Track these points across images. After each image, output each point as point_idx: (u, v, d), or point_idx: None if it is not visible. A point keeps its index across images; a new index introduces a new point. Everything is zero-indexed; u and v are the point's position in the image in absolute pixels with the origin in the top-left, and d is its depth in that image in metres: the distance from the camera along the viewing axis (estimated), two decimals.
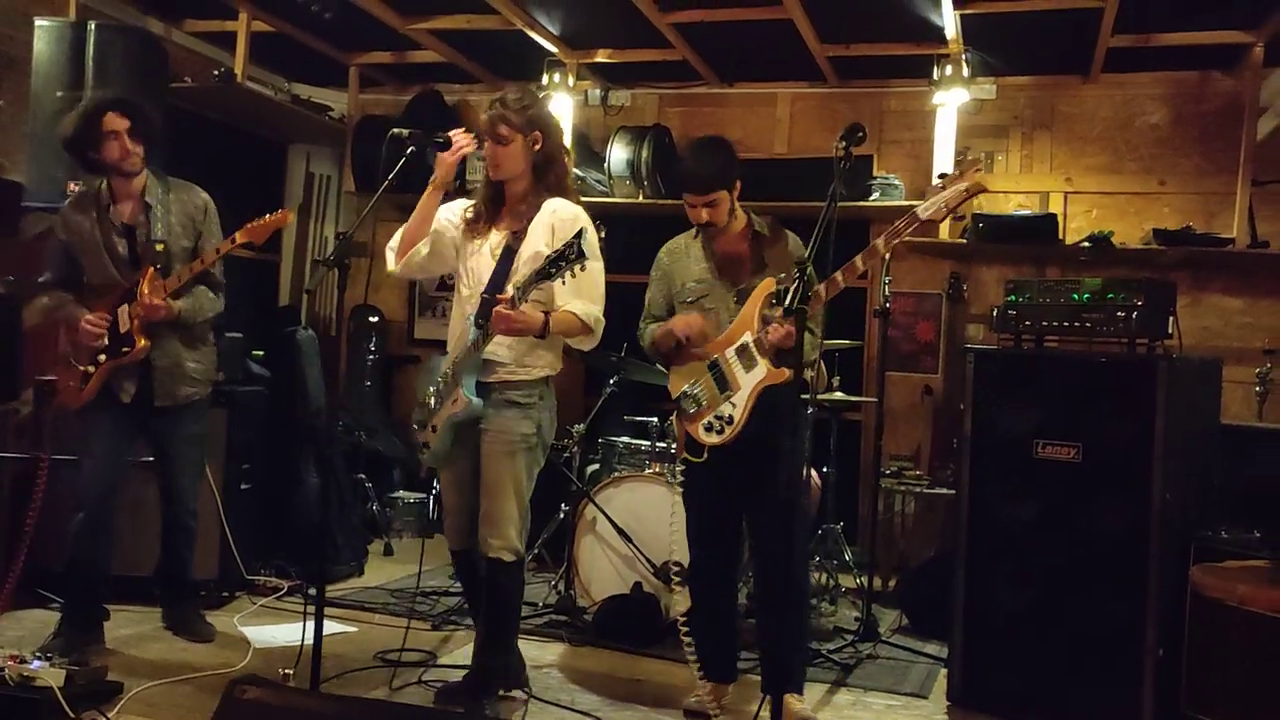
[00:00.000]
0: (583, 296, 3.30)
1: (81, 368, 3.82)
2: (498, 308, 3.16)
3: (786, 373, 3.24)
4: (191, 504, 4.06)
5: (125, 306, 3.76)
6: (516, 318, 3.16)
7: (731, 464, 3.42)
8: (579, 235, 3.04)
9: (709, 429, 3.39)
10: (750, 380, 3.34)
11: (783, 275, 3.35)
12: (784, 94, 6.45)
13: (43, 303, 3.98)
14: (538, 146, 3.36)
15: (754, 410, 3.33)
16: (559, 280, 3.12)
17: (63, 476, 4.29)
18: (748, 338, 3.36)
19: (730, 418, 3.34)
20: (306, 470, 5.16)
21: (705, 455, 3.41)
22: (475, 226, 3.47)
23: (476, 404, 3.30)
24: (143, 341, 3.73)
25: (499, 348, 3.34)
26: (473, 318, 3.33)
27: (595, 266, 3.25)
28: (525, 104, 3.36)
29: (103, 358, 3.78)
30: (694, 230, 3.66)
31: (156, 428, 3.93)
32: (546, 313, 3.25)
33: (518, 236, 3.36)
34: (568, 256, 3.04)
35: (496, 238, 3.42)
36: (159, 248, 3.77)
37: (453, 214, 3.53)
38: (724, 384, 3.39)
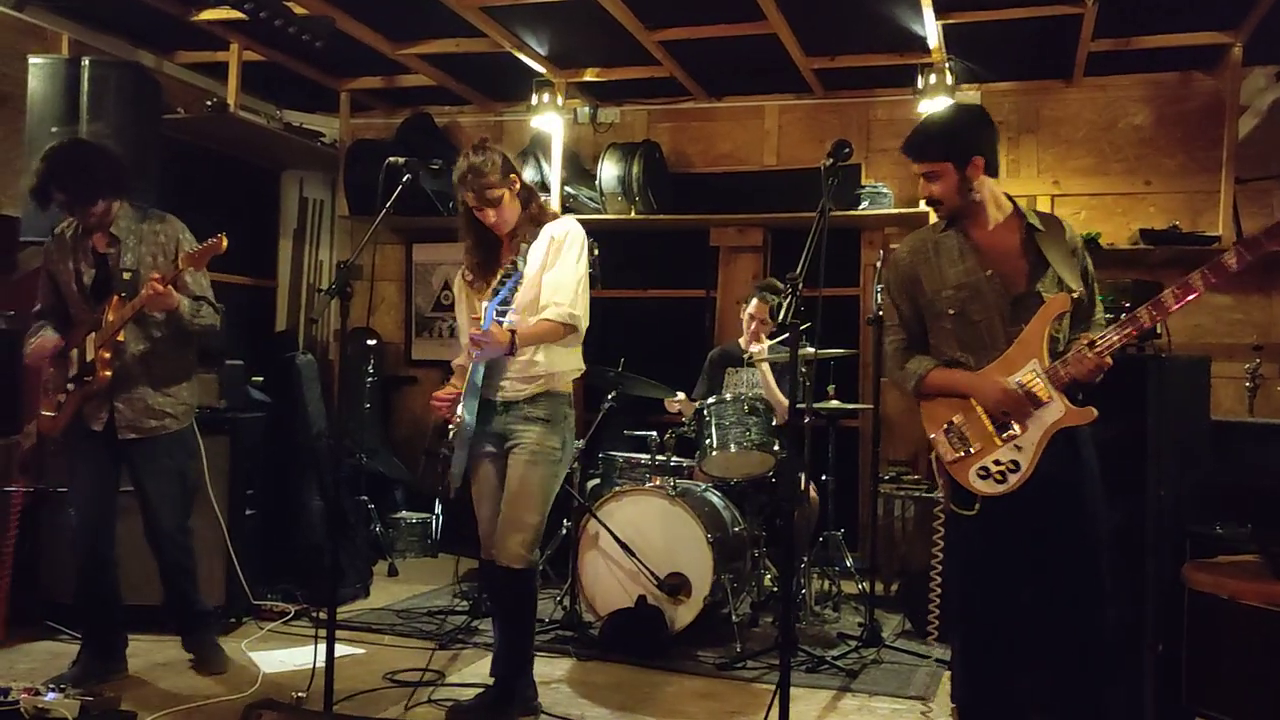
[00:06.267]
0: (556, 296, 3.44)
1: (57, 397, 3.85)
2: (471, 332, 3.35)
3: (1093, 412, 2.82)
4: (174, 537, 3.97)
5: (92, 335, 3.77)
6: (484, 340, 3.33)
7: (1012, 516, 2.91)
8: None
9: (984, 476, 2.87)
10: (1042, 420, 2.83)
11: (1076, 292, 2.87)
12: (771, 106, 6.52)
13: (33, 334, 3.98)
14: (518, 187, 3.54)
15: (1044, 454, 2.85)
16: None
17: (18, 513, 4.32)
18: (1035, 366, 2.84)
19: (1015, 464, 2.84)
20: (309, 494, 5.19)
21: (977, 508, 2.92)
22: (480, 277, 3.59)
23: (469, 423, 3.48)
24: (104, 373, 3.74)
25: (507, 368, 3.48)
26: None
27: (571, 267, 3.44)
28: (490, 158, 3.49)
29: (70, 387, 3.80)
30: (940, 223, 3.07)
31: (128, 460, 3.90)
32: (513, 331, 3.37)
33: (519, 261, 3.49)
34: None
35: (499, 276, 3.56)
36: (126, 276, 3.78)
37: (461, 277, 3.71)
38: (1003, 422, 2.88)
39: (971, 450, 2.91)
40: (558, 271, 3.45)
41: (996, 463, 2.86)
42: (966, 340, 2.97)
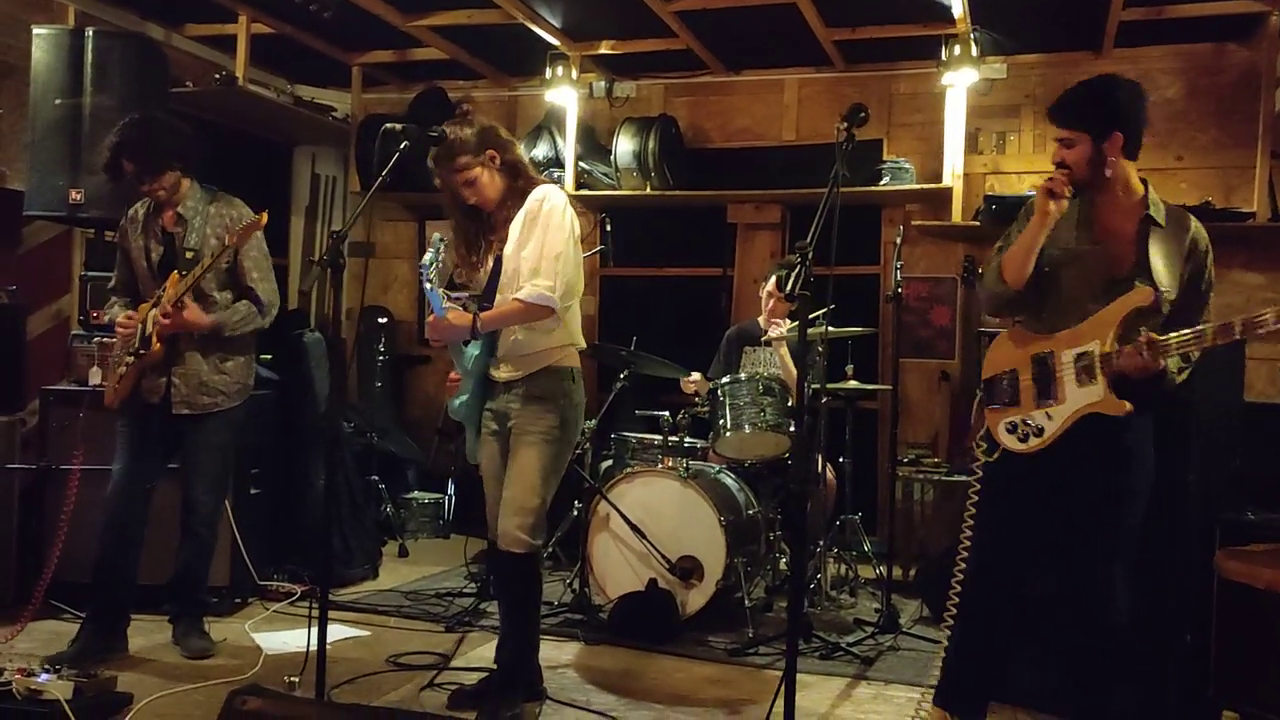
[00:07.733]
0: (529, 275, 3.25)
1: (118, 369, 3.91)
2: (428, 319, 3.33)
3: (1127, 406, 2.77)
4: (206, 515, 4.01)
5: (153, 310, 3.85)
6: (439, 327, 3.28)
7: (1030, 479, 2.96)
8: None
9: (1011, 430, 2.94)
10: (1079, 398, 2.83)
11: (1165, 289, 2.83)
12: (791, 80, 6.37)
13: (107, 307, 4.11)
14: (498, 161, 3.36)
15: (1071, 433, 2.85)
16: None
17: (76, 487, 4.29)
18: (1094, 347, 2.81)
19: (1040, 429, 2.88)
20: (316, 473, 5.11)
21: (997, 456, 2.99)
22: (473, 252, 3.45)
23: (459, 406, 3.45)
24: (157, 345, 3.81)
25: (499, 350, 3.37)
26: None
27: (549, 241, 3.25)
28: (462, 134, 3.33)
29: (130, 359, 3.86)
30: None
31: (178, 435, 3.96)
32: (475, 314, 3.27)
33: (504, 243, 3.36)
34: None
35: (491, 258, 3.42)
36: (189, 255, 3.85)
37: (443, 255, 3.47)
38: (1046, 387, 2.90)
39: (1010, 403, 2.97)
40: (532, 247, 3.25)
41: (1026, 422, 2.93)
42: (1048, 299, 2.97)
